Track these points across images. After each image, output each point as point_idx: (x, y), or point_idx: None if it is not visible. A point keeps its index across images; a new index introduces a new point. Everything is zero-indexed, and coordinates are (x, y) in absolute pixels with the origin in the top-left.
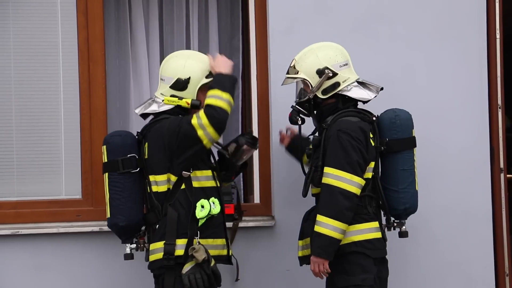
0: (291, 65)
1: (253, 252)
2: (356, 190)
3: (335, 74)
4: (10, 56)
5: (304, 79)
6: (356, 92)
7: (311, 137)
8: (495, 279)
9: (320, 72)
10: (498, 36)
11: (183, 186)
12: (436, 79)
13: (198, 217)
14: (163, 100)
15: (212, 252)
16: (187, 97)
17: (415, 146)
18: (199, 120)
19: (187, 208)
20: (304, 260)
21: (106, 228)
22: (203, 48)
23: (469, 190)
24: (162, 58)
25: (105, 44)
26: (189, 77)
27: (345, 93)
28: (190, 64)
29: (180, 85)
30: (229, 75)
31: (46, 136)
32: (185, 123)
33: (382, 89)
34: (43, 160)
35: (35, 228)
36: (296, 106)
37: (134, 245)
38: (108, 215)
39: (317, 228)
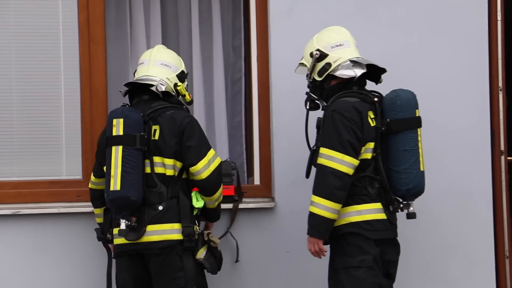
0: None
1: (253, 234)
2: (348, 170)
3: (324, 55)
4: (11, 37)
5: (303, 63)
6: (343, 71)
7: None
8: (495, 261)
9: (311, 55)
10: (499, 18)
11: (184, 175)
12: (437, 61)
13: (195, 207)
14: (178, 86)
15: None
16: (182, 90)
17: (419, 126)
18: (207, 166)
19: (188, 196)
20: None
21: None
22: (206, 30)
23: (470, 172)
24: (163, 40)
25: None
26: (187, 73)
27: (335, 73)
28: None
29: (184, 77)
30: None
31: (47, 116)
32: (203, 143)
33: (378, 67)
34: (44, 141)
35: (36, 208)
36: (309, 92)
37: (128, 223)
38: (117, 188)
39: (310, 208)
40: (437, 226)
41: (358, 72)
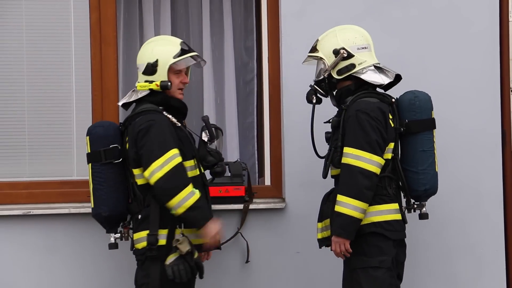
0: (314, 45)
1: (263, 234)
2: (376, 169)
3: (350, 56)
4: (23, 37)
5: (321, 58)
6: (370, 76)
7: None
8: (505, 262)
9: (336, 52)
10: (511, 19)
11: None
12: (448, 62)
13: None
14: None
15: (197, 241)
16: (158, 80)
17: (435, 128)
18: (155, 172)
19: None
20: (323, 242)
21: None
22: (217, 30)
23: (480, 173)
24: None
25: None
26: (156, 60)
27: (359, 75)
28: (157, 47)
29: (150, 69)
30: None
31: (58, 117)
32: (150, 150)
33: (400, 77)
34: (55, 141)
35: (47, 208)
36: (314, 85)
37: (118, 235)
38: (92, 205)
39: (337, 208)
40: (447, 226)
41: (386, 80)
